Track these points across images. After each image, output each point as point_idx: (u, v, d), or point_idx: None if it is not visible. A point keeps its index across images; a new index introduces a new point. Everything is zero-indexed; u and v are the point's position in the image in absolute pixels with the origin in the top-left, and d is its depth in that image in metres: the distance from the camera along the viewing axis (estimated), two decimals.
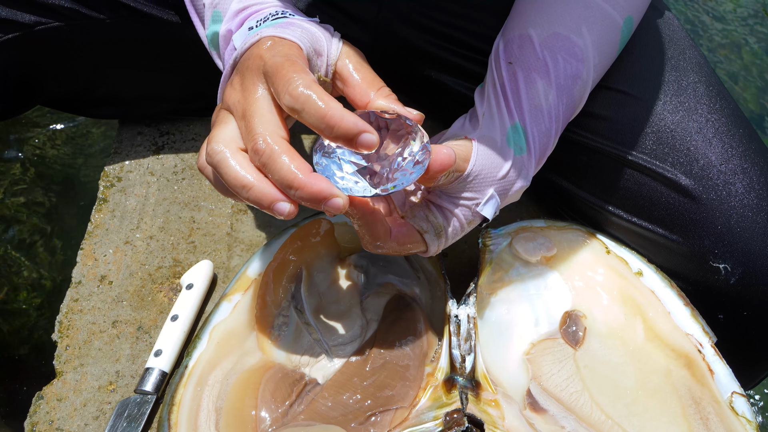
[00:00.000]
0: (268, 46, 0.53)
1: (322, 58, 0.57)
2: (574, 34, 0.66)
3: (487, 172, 0.60)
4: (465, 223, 0.62)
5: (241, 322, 0.68)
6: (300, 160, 0.49)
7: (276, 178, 0.49)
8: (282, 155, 0.49)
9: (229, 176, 0.50)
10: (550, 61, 0.65)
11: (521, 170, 0.63)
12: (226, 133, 0.52)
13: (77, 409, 0.70)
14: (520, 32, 0.67)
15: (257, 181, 0.50)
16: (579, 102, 0.67)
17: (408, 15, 0.81)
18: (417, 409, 0.62)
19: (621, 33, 0.69)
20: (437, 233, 0.60)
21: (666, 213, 0.72)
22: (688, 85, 0.74)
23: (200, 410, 0.62)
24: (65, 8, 0.76)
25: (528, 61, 0.65)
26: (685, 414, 0.64)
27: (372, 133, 0.48)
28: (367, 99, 0.56)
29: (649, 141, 0.72)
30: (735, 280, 0.69)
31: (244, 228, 0.86)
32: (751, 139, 0.73)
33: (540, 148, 0.65)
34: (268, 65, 0.51)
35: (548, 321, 0.70)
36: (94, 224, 0.85)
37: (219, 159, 0.51)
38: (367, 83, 0.56)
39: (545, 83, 0.64)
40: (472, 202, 0.61)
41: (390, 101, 0.55)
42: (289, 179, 0.48)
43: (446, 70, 0.84)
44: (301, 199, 0.49)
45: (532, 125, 0.64)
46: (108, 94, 0.90)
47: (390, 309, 0.70)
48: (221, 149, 0.51)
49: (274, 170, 0.49)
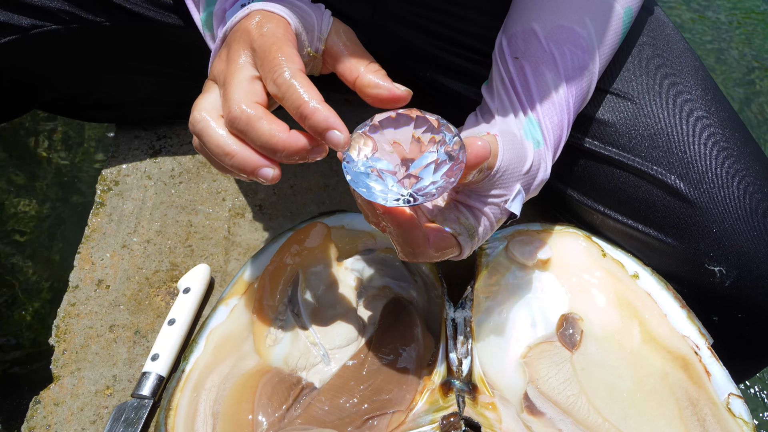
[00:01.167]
0: (257, 22, 0.53)
1: (312, 34, 0.57)
2: (577, 25, 0.66)
3: (514, 168, 0.60)
4: (494, 222, 0.61)
5: (238, 326, 0.68)
6: (278, 121, 0.49)
7: (258, 143, 0.49)
8: (260, 120, 0.49)
9: (212, 144, 0.51)
10: (557, 53, 0.65)
11: (541, 163, 0.63)
12: (209, 102, 0.53)
13: (74, 414, 0.70)
14: (523, 27, 0.67)
15: (240, 148, 0.50)
16: (587, 93, 0.68)
17: (402, 15, 0.81)
18: (414, 412, 0.62)
19: (623, 22, 0.69)
20: (470, 234, 0.59)
21: (661, 216, 0.72)
22: (684, 89, 0.74)
23: (197, 415, 0.62)
24: (62, 11, 0.76)
25: (534, 54, 0.66)
26: (682, 416, 0.64)
27: (341, 131, 0.48)
28: (357, 74, 0.55)
29: (645, 144, 0.72)
30: (730, 282, 0.69)
31: (241, 232, 0.86)
32: (746, 143, 0.73)
33: (555, 141, 0.65)
34: (256, 44, 0.52)
35: (545, 324, 0.70)
36: (92, 228, 0.85)
37: (201, 127, 0.51)
38: (357, 58, 0.56)
39: (554, 76, 0.65)
40: (501, 199, 0.60)
41: (378, 76, 0.55)
42: (272, 142, 0.49)
43: (442, 71, 0.84)
44: (291, 151, 0.49)
45: (545, 118, 0.64)
46: (104, 98, 0.91)
47: (387, 312, 0.70)
48: (203, 117, 0.52)
49: (254, 136, 0.49)
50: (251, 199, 0.89)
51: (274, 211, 0.88)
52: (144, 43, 0.84)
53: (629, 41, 0.77)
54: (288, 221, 0.87)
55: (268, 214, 0.88)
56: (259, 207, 0.88)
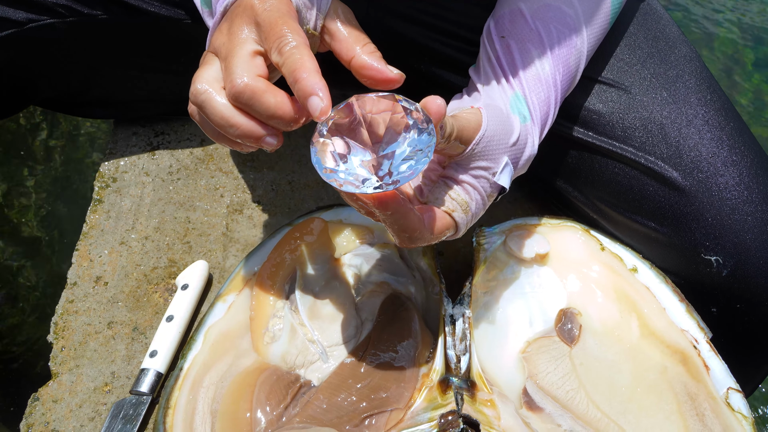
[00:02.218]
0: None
1: (311, 11, 0.58)
2: (564, 4, 0.67)
3: (499, 139, 0.60)
4: (485, 196, 0.61)
5: (235, 322, 0.68)
6: (281, 93, 0.51)
7: (265, 116, 0.51)
8: (265, 93, 0.50)
9: (215, 115, 0.52)
10: (543, 31, 0.65)
11: (528, 138, 0.64)
12: (210, 74, 0.53)
13: (73, 411, 0.70)
14: (510, 8, 0.68)
15: (244, 120, 0.51)
16: (575, 72, 0.68)
17: (397, 8, 0.81)
18: (412, 410, 0.62)
19: (611, 4, 0.69)
20: (464, 210, 0.59)
21: (656, 206, 0.72)
22: (678, 78, 0.74)
23: (195, 413, 0.62)
24: (58, 5, 0.76)
25: (521, 33, 0.66)
26: (681, 410, 0.64)
27: (322, 100, 0.49)
28: (353, 54, 0.56)
29: (638, 134, 0.72)
30: (727, 272, 0.69)
31: (239, 228, 0.86)
32: (741, 132, 0.73)
33: (542, 116, 0.65)
34: (261, 17, 0.52)
35: (543, 319, 0.70)
36: (90, 225, 0.85)
37: (204, 98, 0.52)
38: (354, 39, 0.57)
39: (540, 53, 0.65)
40: (489, 172, 0.60)
41: (373, 58, 0.55)
42: (279, 114, 0.50)
43: (437, 62, 0.84)
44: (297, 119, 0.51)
45: (531, 94, 0.64)
46: (102, 95, 0.90)
47: (385, 309, 0.69)
48: (206, 89, 0.52)
49: (261, 109, 0.50)
50: (249, 196, 0.89)
51: (273, 207, 0.88)
52: (142, 37, 0.83)
53: (622, 31, 0.76)
54: (286, 217, 0.87)
55: (266, 210, 0.88)
56: (257, 203, 0.88)
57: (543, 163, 0.79)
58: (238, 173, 0.91)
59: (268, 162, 0.93)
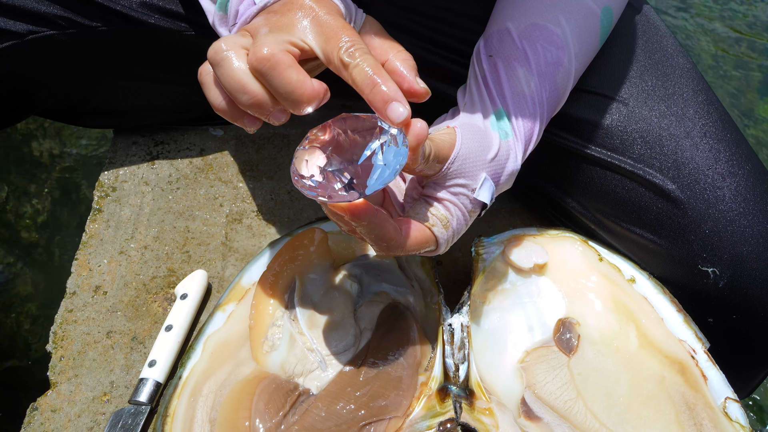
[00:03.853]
0: (314, 1, 0.54)
1: (351, 24, 0.59)
2: (551, 23, 0.67)
3: (476, 156, 0.60)
4: (466, 212, 0.61)
5: (235, 332, 0.68)
6: (305, 73, 0.50)
7: (282, 91, 0.50)
8: (289, 67, 0.49)
9: (232, 77, 0.51)
10: (529, 50, 0.66)
11: (509, 153, 0.63)
12: (238, 39, 0.53)
13: (71, 420, 0.70)
14: (498, 27, 0.68)
15: (259, 89, 0.51)
16: (563, 90, 0.68)
17: (395, 21, 0.81)
18: (411, 418, 0.62)
19: (600, 22, 0.69)
20: (444, 226, 0.60)
21: (653, 218, 0.72)
22: (676, 90, 0.75)
23: (194, 421, 0.62)
24: (58, 17, 0.77)
25: (507, 51, 0.66)
26: (679, 420, 0.64)
27: (405, 107, 0.50)
28: (386, 57, 0.57)
29: (637, 146, 0.73)
30: (723, 283, 0.70)
31: (238, 237, 0.86)
32: (739, 144, 0.73)
33: (526, 134, 0.65)
34: (323, 19, 0.53)
35: (542, 329, 0.70)
36: (89, 234, 0.85)
37: (223, 56, 0.51)
38: (387, 46, 0.58)
39: (526, 71, 0.65)
40: (467, 188, 0.60)
41: (405, 66, 0.56)
42: (298, 92, 0.49)
43: (435, 75, 0.84)
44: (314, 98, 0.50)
45: (515, 110, 0.64)
46: (102, 105, 0.91)
47: (384, 318, 0.70)
48: (229, 48, 0.51)
49: (279, 82, 0.49)
50: (248, 205, 0.89)
51: (272, 217, 0.88)
52: (141, 48, 0.84)
53: (620, 43, 0.77)
54: (285, 227, 0.87)
55: (265, 219, 0.88)
56: (257, 213, 0.88)
57: (542, 174, 0.79)
58: (237, 183, 0.91)
59: (268, 172, 0.93)
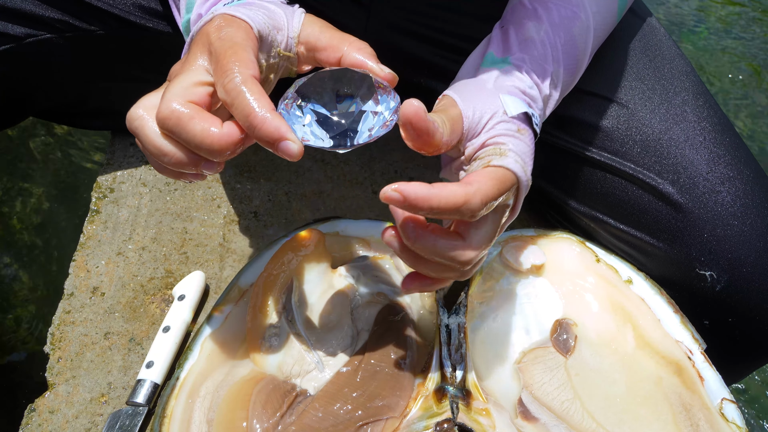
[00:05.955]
0: (216, 25, 0.52)
1: (282, 33, 0.56)
2: None
3: (478, 91, 0.58)
4: (514, 132, 0.56)
5: (232, 333, 0.68)
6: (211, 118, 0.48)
7: (192, 145, 0.48)
8: (192, 119, 0.47)
9: (149, 143, 0.50)
10: (541, 9, 0.64)
11: (511, 74, 0.60)
12: (150, 99, 0.51)
13: (69, 422, 0.70)
14: (512, 3, 0.67)
15: (175, 148, 0.49)
16: (582, 45, 0.65)
17: (396, 22, 0.81)
18: (408, 419, 0.62)
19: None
20: (500, 153, 0.54)
21: (652, 221, 0.72)
22: (675, 94, 0.75)
23: (192, 422, 0.62)
24: (55, 20, 0.77)
25: (518, 15, 0.65)
26: (676, 421, 0.64)
27: (295, 142, 0.46)
28: (340, 53, 0.54)
29: (637, 149, 0.73)
30: (721, 287, 0.70)
31: (236, 239, 0.86)
32: (738, 148, 0.73)
33: (533, 67, 0.61)
34: (214, 47, 0.51)
35: (539, 330, 0.70)
36: (87, 236, 0.85)
37: (137, 125, 0.50)
38: (337, 42, 0.55)
39: (536, 23, 0.63)
40: (495, 117, 0.56)
41: (363, 54, 0.54)
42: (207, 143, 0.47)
43: (437, 76, 0.84)
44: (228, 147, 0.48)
45: (522, 53, 0.62)
46: (99, 106, 0.91)
47: (381, 319, 0.70)
48: (140, 115, 0.50)
49: (186, 137, 0.47)
50: (246, 206, 0.89)
51: (269, 218, 0.88)
52: (138, 51, 0.84)
53: (621, 46, 0.77)
54: (283, 228, 0.87)
55: (263, 221, 0.88)
56: (254, 214, 0.89)
57: (542, 176, 0.79)
58: (235, 184, 0.91)
59: (265, 173, 0.93)
